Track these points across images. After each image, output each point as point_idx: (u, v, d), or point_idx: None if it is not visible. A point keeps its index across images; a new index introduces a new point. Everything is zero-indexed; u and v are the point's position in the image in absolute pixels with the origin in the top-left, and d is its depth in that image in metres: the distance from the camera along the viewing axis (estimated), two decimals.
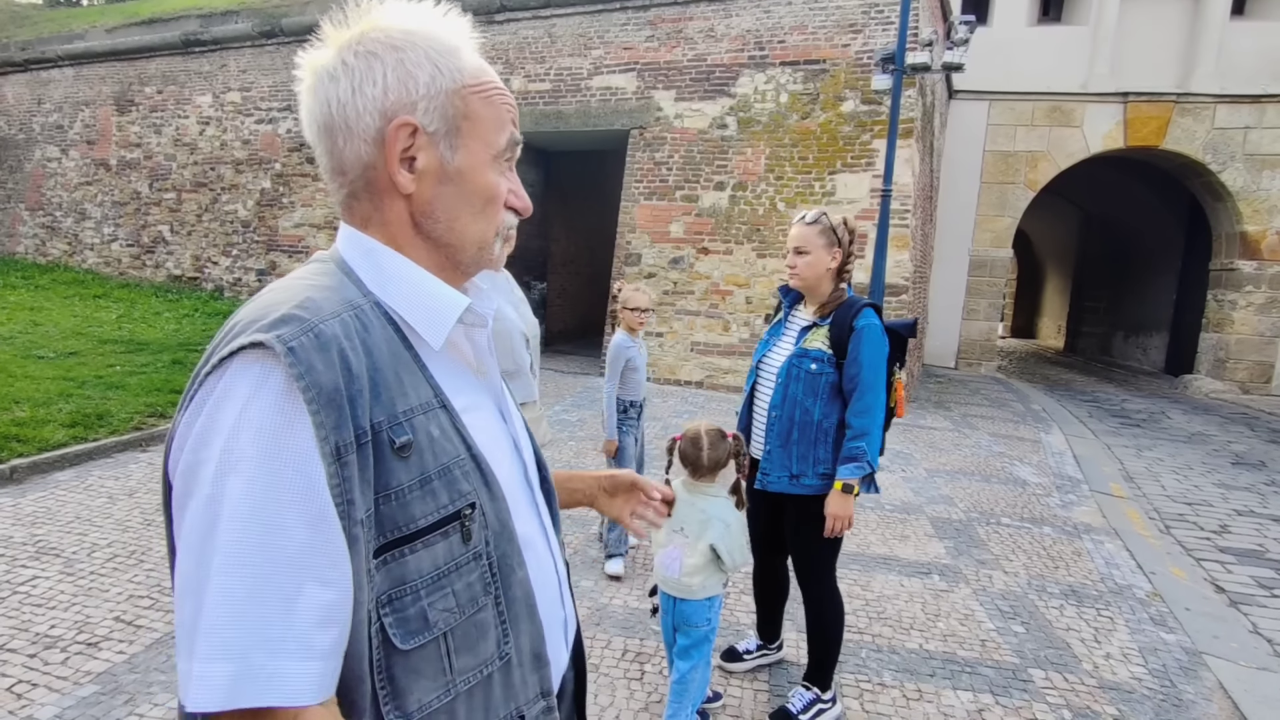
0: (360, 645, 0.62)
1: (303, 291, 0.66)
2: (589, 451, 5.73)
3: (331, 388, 0.60)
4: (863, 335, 2.27)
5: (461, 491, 0.70)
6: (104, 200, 13.24)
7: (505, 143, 0.77)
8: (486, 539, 0.72)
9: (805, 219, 2.36)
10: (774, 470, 2.38)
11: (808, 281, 2.38)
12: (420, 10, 0.75)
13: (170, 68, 12.60)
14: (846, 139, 8.38)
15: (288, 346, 0.59)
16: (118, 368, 6.68)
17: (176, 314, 10.28)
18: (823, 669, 2.48)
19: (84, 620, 2.83)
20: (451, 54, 0.73)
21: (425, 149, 0.72)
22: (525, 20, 9.81)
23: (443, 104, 0.72)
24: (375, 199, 0.74)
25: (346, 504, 0.60)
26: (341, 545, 0.60)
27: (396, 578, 0.65)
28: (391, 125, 0.70)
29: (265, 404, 0.59)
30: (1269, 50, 11.29)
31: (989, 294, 12.79)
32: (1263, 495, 5.94)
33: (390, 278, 0.73)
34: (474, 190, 0.75)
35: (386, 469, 0.64)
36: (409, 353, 0.71)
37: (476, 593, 0.71)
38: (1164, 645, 3.20)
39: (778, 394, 2.38)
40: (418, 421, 0.68)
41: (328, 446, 0.59)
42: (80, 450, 4.69)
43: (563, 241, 12.72)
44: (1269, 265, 11.59)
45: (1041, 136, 12.18)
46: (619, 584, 3.45)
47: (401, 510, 0.65)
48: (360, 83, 0.70)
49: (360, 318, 0.67)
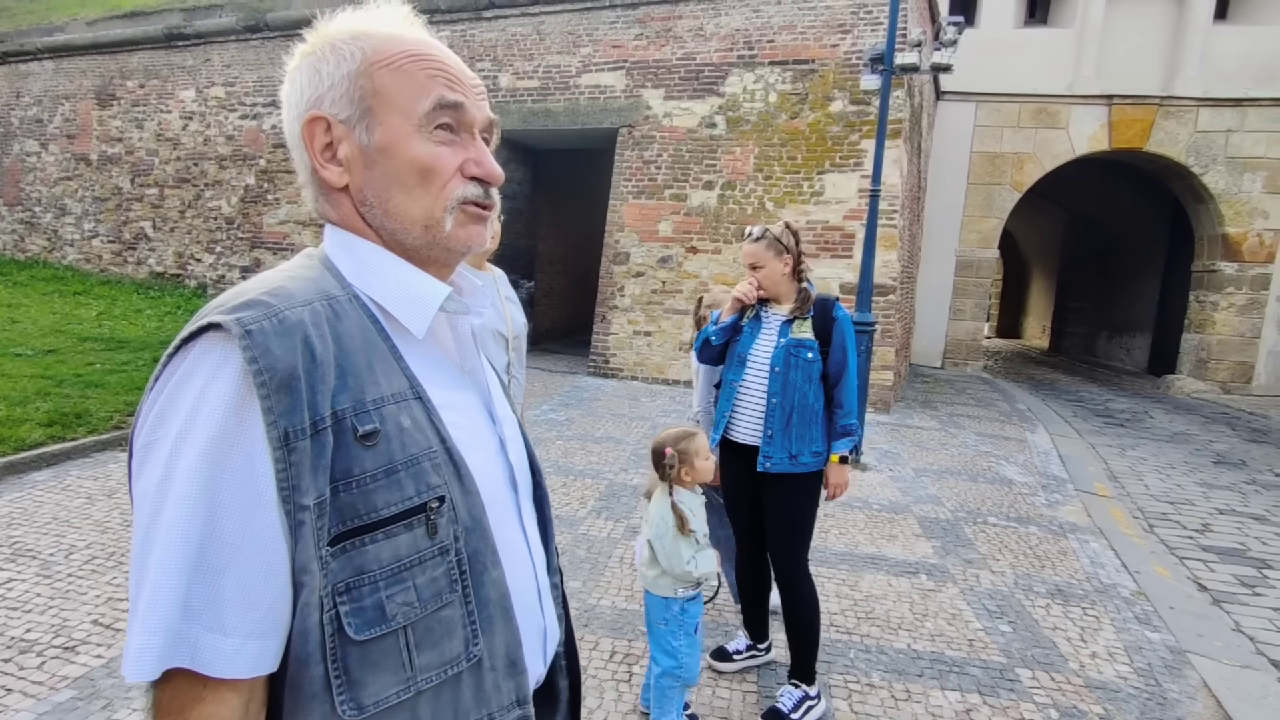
0: (308, 629, 0.62)
1: (277, 281, 0.67)
2: (576, 451, 5.71)
3: (286, 372, 0.60)
4: (844, 325, 2.56)
5: (430, 484, 0.68)
6: (84, 195, 13.04)
7: (429, 107, 0.71)
8: (456, 534, 0.70)
9: (752, 236, 2.58)
10: (776, 453, 2.51)
11: (770, 290, 2.60)
12: (357, 13, 0.75)
13: (153, 61, 12.41)
14: (835, 139, 8.39)
15: (245, 329, 0.60)
16: (97, 365, 6.58)
17: (158, 311, 10.14)
18: (805, 662, 2.56)
19: (61, 624, 2.78)
20: (356, 38, 0.72)
21: (344, 138, 0.72)
22: (514, 17, 9.75)
23: (347, 88, 0.71)
24: (328, 198, 0.75)
25: (292, 489, 0.60)
26: (276, 530, 0.60)
27: (356, 567, 0.64)
28: (302, 123, 0.72)
29: (222, 386, 0.60)
30: (1251, 54, 11.43)
31: (975, 294, 12.88)
32: (1244, 494, 6.01)
33: (370, 269, 0.73)
34: (401, 166, 0.71)
35: (348, 456, 0.64)
36: (386, 344, 0.71)
37: (441, 588, 0.69)
38: (1149, 644, 3.22)
39: (776, 382, 2.52)
40: (387, 411, 0.67)
41: (275, 431, 0.60)
42: (58, 450, 4.61)
43: (551, 240, 12.67)
44: (1250, 267, 11.75)
45: (1028, 138, 12.27)
46: (607, 584, 3.43)
47: (363, 499, 0.64)
48: (288, 96, 0.74)
49: (334, 307, 0.68)
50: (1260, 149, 11.55)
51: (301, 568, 0.61)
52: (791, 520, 2.57)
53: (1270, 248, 11.69)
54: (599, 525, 4.15)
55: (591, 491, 4.73)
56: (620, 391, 8.32)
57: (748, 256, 2.58)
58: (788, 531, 2.58)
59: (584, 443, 5.97)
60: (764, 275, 2.56)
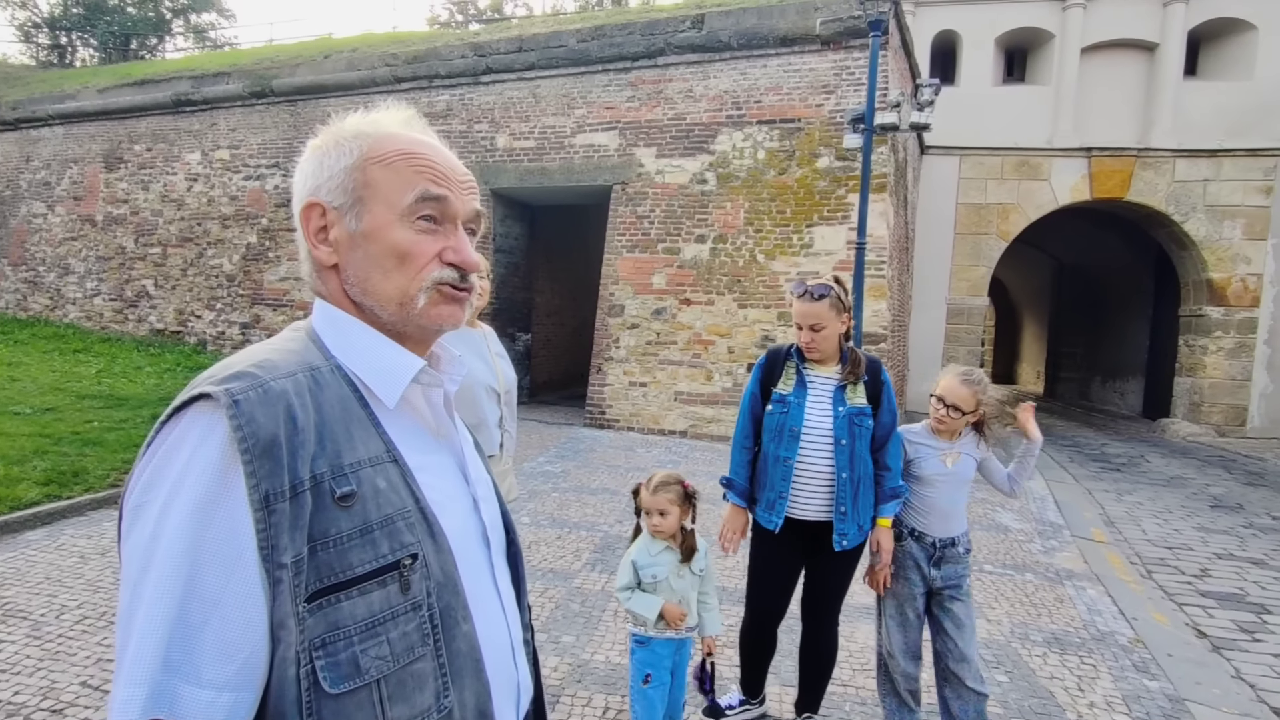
0: (285, 682, 0.65)
1: (265, 354, 0.74)
2: (572, 503, 5.70)
3: (269, 439, 0.65)
4: (889, 386, 2.47)
5: (404, 542, 0.73)
6: (88, 255, 13.26)
7: (413, 199, 0.79)
8: (428, 589, 0.74)
9: (812, 294, 2.34)
10: (850, 529, 2.42)
11: (825, 353, 2.43)
12: (367, 114, 0.84)
13: (160, 126, 12.81)
14: (822, 193, 8.63)
15: (233, 399, 0.65)
16: (95, 423, 6.60)
17: (158, 368, 10.20)
18: (820, 695, 2.63)
19: (49, 686, 2.75)
20: (358, 137, 0.81)
21: (336, 223, 0.80)
22: (510, 81, 10.13)
23: (343, 180, 0.79)
24: (320, 275, 0.83)
25: (271, 549, 0.64)
26: (255, 586, 0.64)
27: (331, 622, 0.67)
28: (301, 207, 0.81)
29: (210, 452, 0.65)
30: (1221, 108, 11.86)
31: (967, 341, 13.02)
32: (1241, 538, 5.99)
33: (351, 342, 0.80)
34: (381, 250, 0.79)
35: (326, 517, 0.68)
36: (364, 410, 0.76)
37: (413, 642, 0.72)
38: (1147, 693, 3.20)
39: (843, 455, 2.38)
40: (364, 474, 0.72)
41: (257, 494, 0.64)
42: (53, 509, 4.60)
43: (547, 293, 12.86)
44: (1236, 311, 11.93)
45: (1011, 189, 12.61)
46: (601, 638, 3.41)
47: (339, 557, 0.68)
48: (296, 183, 0.83)
49: (316, 378, 0.74)
50: (1237, 197, 11.87)
51: (279, 623, 0.65)
52: (844, 586, 2.57)
53: (1254, 292, 11.90)
54: (593, 579, 4.14)
55: (586, 544, 4.72)
56: (616, 443, 8.34)
57: (807, 317, 2.34)
58: (838, 597, 2.57)
59: (579, 495, 5.96)
60: (823, 338, 2.35)
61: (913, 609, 2.53)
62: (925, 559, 2.51)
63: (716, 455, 7.66)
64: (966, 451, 2.57)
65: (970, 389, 2.49)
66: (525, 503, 5.52)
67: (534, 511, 5.40)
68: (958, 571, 2.53)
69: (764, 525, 2.49)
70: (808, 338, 2.38)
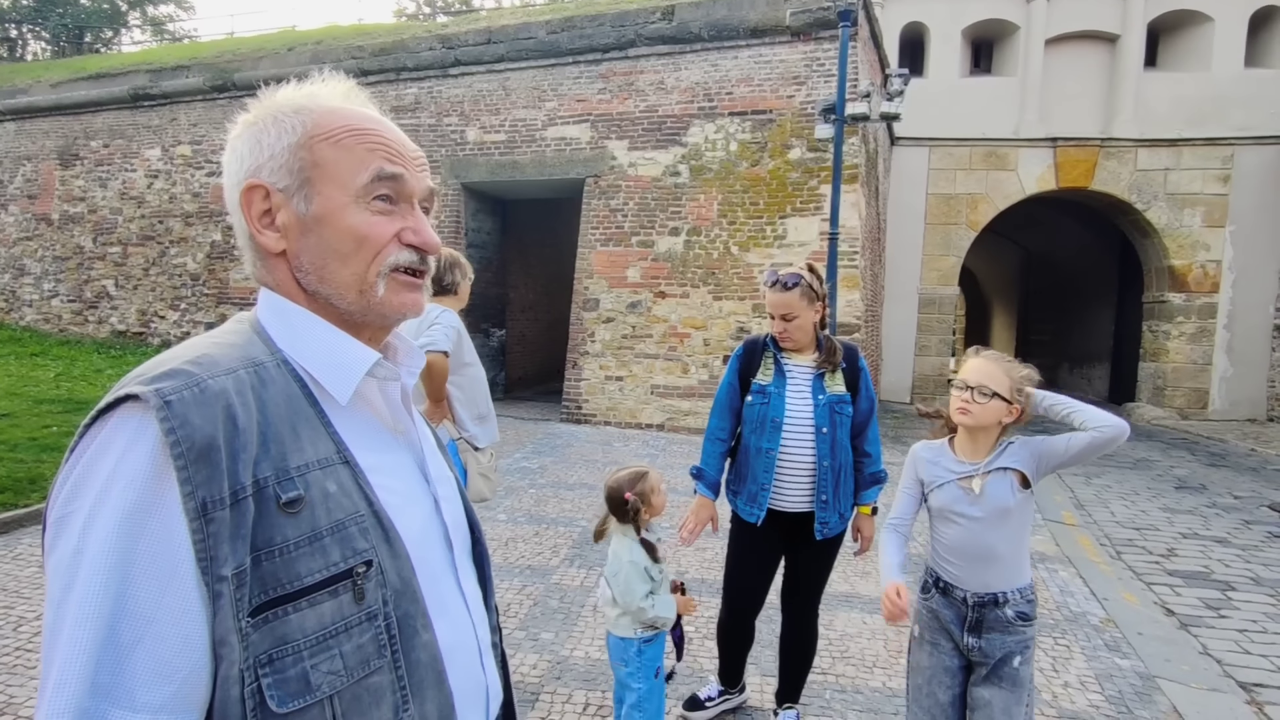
0: (228, 703, 0.61)
1: (203, 348, 0.67)
2: (549, 499, 5.66)
3: (205, 442, 0.60)
4: (866, 372, 2.48)
5: (356, 549, 0.68)
6: (44, 255, 12.85)
7: (368, 179, 0.73)
8: (384, 598, 0.69)
9: (784, 284, 2.32)
10: (832, 518, 2.41)
11: (800, 342, 2.41)
12: (301, 86, 0.78)
13: (118, 121, 12.43)
14: (795, 185, 8.66)
15: (164, 400, 0.60)
16: (54, 428, 6.40)
17: (119, 371, 9.92)
18: (800, 685, 2.64)
19: (7, 701, 2.65)
20: (299, 112, 0.74)
21: (282, 206, 0.73)
22: (480, 74, 9.99)
23: (287, 159, 0.73)
24: (265, 263, 0.76)
25: (209, 560, 0.59)
26: (193, 602, 0.59)
27: (278, 637, 0.63)
28: (240, 190, 0.74)
29: (138, 458, 0.59)
30: (1180, 98, 12.13)
31: (939, 330, 13.19)
32: (1205, 517, 6.14)
33: (300, 335, 0.74)
34: (336, 235, 0.73)
35: (270, 524, 0.63)
36: (313, 409, 0.71)
37: (369, 654, 0.68)
38: (1119, 671, 3.25)
39: (825, 444, 2.35)
40: (312, 477, 0.67)
41: (192, 503, 0.59)
42: (10, 517, 4.45)
43: (521, 288, 12.75)
44: (1196, 297, 12.23)
45: (980, 179, 12.78)
46: (580, 634, 3.38)
47: (285, 567, 0.64)
48: (229, 163, 0.76)
49: (260, 374, 0.68)
50: (1196, 186, 12.15)
51: (220, 640, 0.60)
52: (825, 575, 2.56)
53: (1214, 278, 12.20)
54: (571, 574, 4.10)
55: (564, 540, 4.68)
56: (593, 437, 8.30)
57: (779, 307, 2.33)
58: (819, 586, 2.57)
59: (557, 490, 5.92)
60: (796, 327, 2.35)
61: (944, 688, 1.92)
62: (957, 622, 1.92)
63: (694, 448, 7.65)
64: (1009, 464, 1.97)
65: (1001, 365, 1.98)
66: (502, 499, 5.46)
67: (511, 508, 5.35)
68: (1006, 643, 1.88)
69: (746, 519, 2.46)
70: (780, 327, 2.37)
